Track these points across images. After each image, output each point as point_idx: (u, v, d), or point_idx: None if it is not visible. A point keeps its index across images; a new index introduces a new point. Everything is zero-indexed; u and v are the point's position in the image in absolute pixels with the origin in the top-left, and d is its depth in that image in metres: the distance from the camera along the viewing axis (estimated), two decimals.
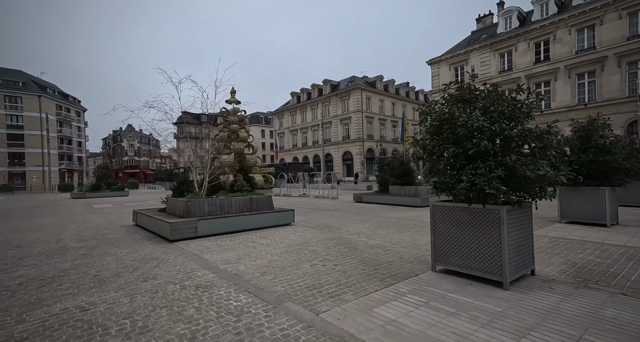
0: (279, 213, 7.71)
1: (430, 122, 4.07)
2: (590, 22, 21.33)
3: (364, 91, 41.45)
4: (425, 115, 4.09)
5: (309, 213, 10.36)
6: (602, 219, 6.63)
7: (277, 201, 15.41)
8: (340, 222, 8.20)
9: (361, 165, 40.90)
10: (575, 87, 22.18)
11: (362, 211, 10.78)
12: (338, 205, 12.95)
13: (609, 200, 6.69)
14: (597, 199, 6.73)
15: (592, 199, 6.79)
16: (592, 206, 6.79)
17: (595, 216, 6.70)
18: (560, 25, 22.65)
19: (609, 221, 6.61)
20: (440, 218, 3.91)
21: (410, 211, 10.30)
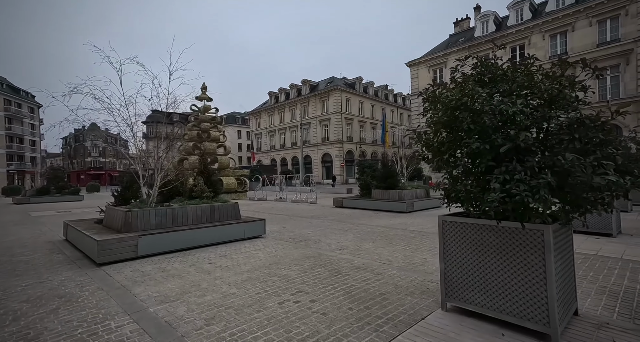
0: (247, 224, 6.48)
1: (437, 111, 3.09)
2: (563, 28, 21.86)
3: (343, 92, 40.83)
4: (432, 101, 3.11)
5: (284, 221, 9.18)
6: (607, 229, 6.01)
7: (250, 207, 14.26)
8: (319, 233, 7.10)
9: (340, 167, 40.15)
10: None
11: (343, 217, 9.76)
12: (317, 211, 11.86)
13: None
14: None
15: None
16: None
17: (601, 224, 6.07)
18: (534, 31, 23.09)
19: (615, 230, 6.00)
20: (453, 238, 2.91)
21: (396, 218, 9.41)
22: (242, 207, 14.75)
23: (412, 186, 12.38)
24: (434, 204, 12.03)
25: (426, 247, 5.56)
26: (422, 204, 11.43)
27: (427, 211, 11.06)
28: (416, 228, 7.59)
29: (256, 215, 10.60)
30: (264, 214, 10.85)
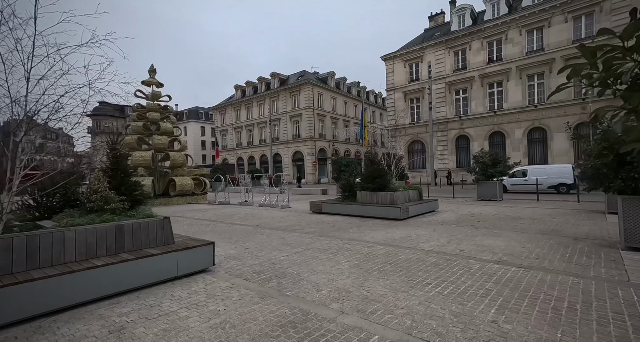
0: (182, 253, 3.99)
1: None
2: (539, 23, 21.55)
3: (315, 87, 38.68)
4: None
5: (247, 236, 6.73)
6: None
7: (207, 213, 11.16)
8: (297, 260, 4.80)
9: (313, 166, 37.99)
10: (526, 88, 22.30)
11: (325, 229, 7.53)
12: (290, 218, 9.53)
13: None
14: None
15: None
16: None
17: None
18: (511, 26, 22.64)
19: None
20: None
21: (392, 228, 7.38)
22: (196, 214, 12.03)
23: (403, 187, 10.50)
24: (430, 207, 10.25)
25: (473, 288, 3.51)
26: (418, 209, 9.57)
27: (424, 217, 9.21)
28: (429, 246, 5.58)
29: (210, 226, 8.06)
30: (221, 225, 8.28)
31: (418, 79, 28.22)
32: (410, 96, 28.72)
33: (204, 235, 7.00)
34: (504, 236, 6.17)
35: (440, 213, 9.90)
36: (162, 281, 3.77)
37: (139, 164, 15.07)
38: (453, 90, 26.06)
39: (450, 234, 6.52)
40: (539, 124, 21.77)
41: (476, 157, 13.96)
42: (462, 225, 7.64)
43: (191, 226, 8.39)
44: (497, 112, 23.57)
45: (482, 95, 24.40)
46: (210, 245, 4.31)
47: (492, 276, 3.85)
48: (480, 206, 11.65)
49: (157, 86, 17.09)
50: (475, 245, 5.51)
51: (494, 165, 13.56)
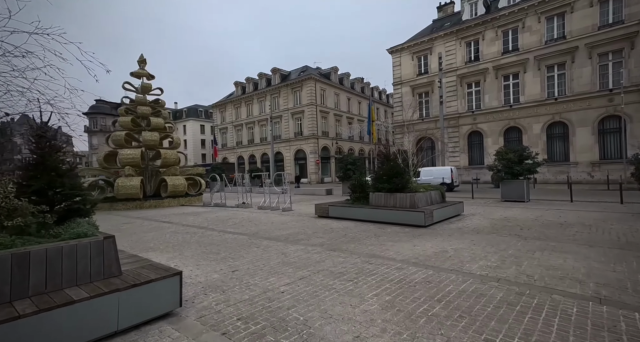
0: (128, 292, 2.59)
1: None
2: (561, 9, 19.98)
3: (318, 82, 37.22)
4: None
5: (237, 253, 5.32)
6: None
7: (198, 218, 9.22)
8: (303, 294, 3.40)
9: (316, 164, 36.58)
10: (545, 79, 20.73)
11: (336, 239, 6.12)
12: (293, 224, 8.13)
13: None
14: None
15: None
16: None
17: None
18: (529, 12, 21.07)
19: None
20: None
21: (420, 238, 5.95)
22: (186, 218, 10.11)
23: (424, 187, 9.07)
24: (455, 211, 8.82)
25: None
26: (443, 213, 8.14)
27: (451, 223, 7.78)
28: (479, 268, 4.17)
29: (196, 236, 6.32)
30: (211, 234, 6.87)
31: (427, 72, 26.69)
32: (419, 90, 27.21)
33: (184, 249, 5.62)
34: (570, 252, 4.74)
35: (468, 218, 8.47)
36: (97, 339, 2.38)
37: (127, 162, 13.74)
38: (465, 83, 24.53)
39: (497, 248, 5.10)
40: (559, 119, 20.21)
41: (499, 154, 12.50)
42: (503, 234, 6.21)
43: (174, 236, 7.01)
44: (513, 106, 22.03)
45: (496, 89, 22.85)
46: (175, 277, 2.91)
47: (614, 333, 2.43)
48: (509, 208, 10.21)
49: (148, 78, 15.73)
50: (541, 267, 4.09)
51: (519, 162, 12.11)
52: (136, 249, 5.67)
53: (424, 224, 7.26)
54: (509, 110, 22.26)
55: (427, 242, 5.70)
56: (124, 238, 6.84)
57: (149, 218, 10.36)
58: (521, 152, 12.17)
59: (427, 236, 6.26)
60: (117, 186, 12.98)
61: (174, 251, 5.49)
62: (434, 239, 6.01)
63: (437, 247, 5.31)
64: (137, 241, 6.55)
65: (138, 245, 6.08)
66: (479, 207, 10.73)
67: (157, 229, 7.97)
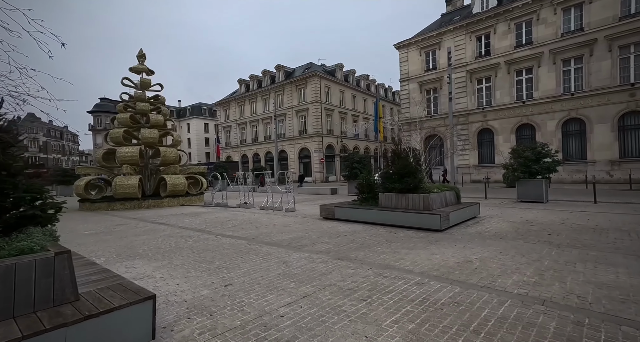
0: (80, 326, 2.00)
1: None
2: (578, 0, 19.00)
3: (322, 79, 36.55)
4: None
5: (233, 261, 4.74)
6: None
7: (196, 219, 8.59)
8: (307, 319, 2.80)
9: (320, 163, 35.98)
10: (561, 74, 19.81)
11: (344, 245, 5.51)
12: (296, 227, 7.54)
13: None
14: None
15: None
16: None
17: None
18: (544, 3, 20.13)
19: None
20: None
21: (438, 245, 5.31)
22: (183, 220, 9.34)
23: (438, 187, 8.39)
24: (471, 213, 8.16)
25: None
26: (459, 216, 7.48)
27: (468, 226, 7.13)
28: (514, 284, 3.53)
29: (191, 241, 5.54)
30: (207, 238, 6.29)
31: (435, 68, 25.87)
32: (427, 87, 26.41)
33: (175, 257, 5.06)
34: (620, 265, 4.06)
35: (486, 220, 7.79)
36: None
37: (125, 160, 13.27)
38: (475, 79, 23.67)
39: (529, 258, 4.44)
40: (575, 115, 19.30)
41: (516, 151, 11.76)
42: (530, 240, 5.54)
43: (167, 240, 6.47)
44: (526, 103, 21.15)
45: (508, 84, 21.98)
46: (147, 302, 2.33)
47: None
48: (529, 209, 9.49)
49: (147, 74, 15.24)
50: (590, 284, 3.43)
51: (537, 160, 11.36)
52: (122, 256, 5.13)
53: (440, 228, 6.61)
54: (522, 107, 21.38)
55: (447, 250, 5.06)
56: (113, 242, 6.31)
57: (146, 219, 9.86)
58: (539, 150, 11.41)
59: (445, 242, 5.62)
60: (115, 185, 12.52)
61: (163, 259, 4.93)
62: (454, 245, 5.37)
63: (459, 256, 4.67)
64: (126, 245, 6.01)
65: (125, 251, 5.54)
66: (495, 208, 10.03)
67: (151, 232, 7.44)
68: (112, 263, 4.74)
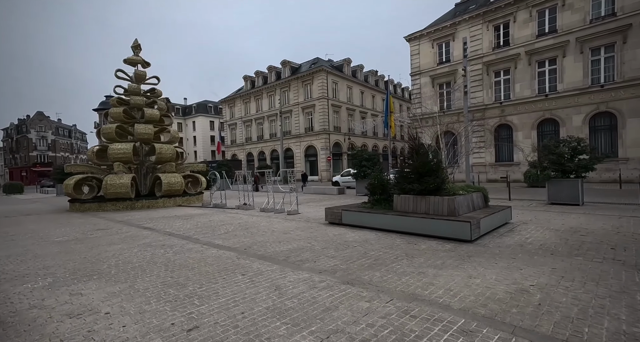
0: None
1: None
2: None
3: (329, 75, 35.35)
4: None
5: (211, 286, 3.67)
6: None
7: (188, 223, 7.30)
8: None
9: (327, 161, 34.86)
10: (589, 64, 18.21)
11: (353, 261, 4.40)
12: (298, 234, 6.46)
13: None
14: None
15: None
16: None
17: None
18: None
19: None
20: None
21: (472, 261, 4.14)
22: (173, 224, 8.23)
23: (463, 189, 7.19)
24: (503, 218, 6.96)
25: None
26: (490, 222, 6.29)
27: (503, 236, 5.94)
28: (608, 335, 2.35)
29: (170, 253, 4.29)
30: (191, 248, 5.25)
31: (448, 61, 24.42)
32: (439, 81, 24.98)
33: (141, 277, 4.03)
34: None
35: (522, 227, 6.58)
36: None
37: (117, 158, 12.41)
38: (492, 71, 22.16)
39: (608, 288, 3.27)
40: (605, 108, 17.70)
41: (547, 147, 10.44)
42: (592, 257, 4.35)
43: (142, 251, 5.47)
44: (549, 96, 19.59)
45: (529, 76, 20.43)
46: None
47: None
48: (566, 213, 8.22)
49: (143, 66, 14.36)
50: None
51: (572, 157, 10.03)
52: (76, 276, 4.14)
53: (470, 239, 5.45)
54: (544, 101, 19.84)
55: (487, 271, 3.91)
56: (78, 254, 5.34)
57: (132, 222, 8.93)
58: (575, 146, 10.07)
59: (482, 258, 4.46)
60: (105, 184, 11.66)
61: (125, 280, 3.91)
62: (494, 263, 4.21)
63: (508, 281, 3.51)
64: (92, 259, 5.03)
65: (85, 267, 4.55)
66: (525, 211, 8.78)
67: (130, 240, 6.47)
68: (58, 286, 3.74)
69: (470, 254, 4.72)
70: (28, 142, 54.45)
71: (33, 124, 54.79)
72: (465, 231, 5.49)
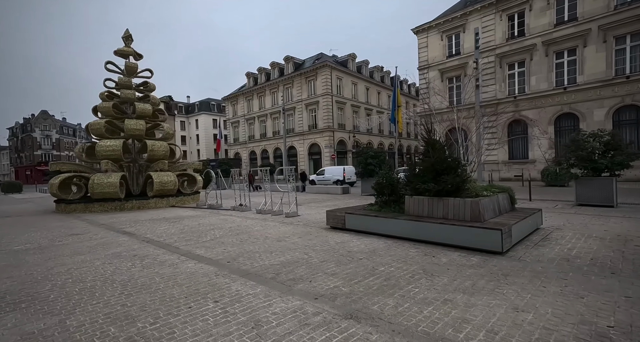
0: None
1: None
2: None
3: (334, 70, 34.31)
4: None
5: (164, 323, 2.75)
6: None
7: (175, 227, 6.50)
8: None
9: (331, 159, 33.87)
10: (612, 54, 16.92)
11: (359, 282, 3.45)
12: (294, 241, 5.54)
13: None
14: None
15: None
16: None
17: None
18: None
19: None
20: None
21: (515, 285, 3.14)
22: (158, 227, 7.22)
23: (486, 189, 6.19)
24: (534, 224, 5.95)
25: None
26: (521, 229, 5.29)
27: (537, 246, 4.96)
28: None
29: (138, 266, 3.30)
30: (166, 261, 4.33)
31: (458, 53, 23.23)
32: (448, 74, 23.81)
33: (81, 307, 3.15)
34: None
35: (557, 234, 5.57)
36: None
37: (105, 155, 11.63)
38: (505, 64, 20.93)
39: None
40: (631, 102, 16.41)
41: (577, 142, 9.33)
42: None
43: (104, 265, 4.59)
44: (567, 89, 18.34)
45: (546, 68, 19.18)
46: None
47: None
48: (603, 216, 7.17)
49: (135, 57, 13.55)
50: None
51: (605, 153, 8.93)
52: (3, 302, 3.26)
53: (502, 250, 4.47)
54: (562, 94, 18.58)
55: (536, 299, 2.94)
56: (25, 269, 4.49)
57: (114, 226, 8.11)
58: (608, 140, 8.96)
59: (522, 279, 3.49)
60: (92, 183, 10.89)
61: (59, 312, 3.02)
62: (541, 287, 3.23)
63: (572, 318, 2.54)
64: (38, 275, 4.17)
65: (23, 288, 3.68)
66: (553, 214, 7.75)
67: (100, 248, 5.62)
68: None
69: (506, 272, 3.74)
70: (33, 141, 54.51)
71: (37, 123, 54.83)
72: (494, 241, 4.51)
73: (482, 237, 4.65)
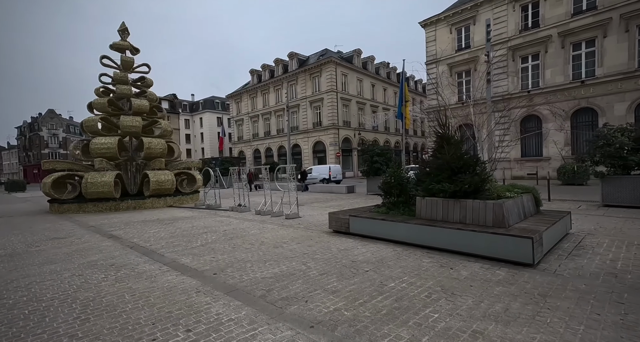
0: None
1: None
2: None
3: (338, 66, 33.56)
4: None
5: None
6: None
7: (167, 230, 6.05)
8: None
9: (336, 157, 33.21)
10: (635, 45, 15.91)
11: (363, 302, 2.81)
12: (291, 249, 4.93)
13: None
14: None
15: None
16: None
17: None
18: None
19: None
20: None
21: (559, 310, 2.46)
22: (148, 230, 6.62)
23: (509, 189, 5.49)
24: (562, 229, 5.25)
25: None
26: (551, 237, 4.60)
27: (569, 255, 4.29)
28: None
29: (110, 279, 2.61)
30: (144, 273, 3.72)
31: (468, 47, 22.32)
32: (457, 69, 22.92)
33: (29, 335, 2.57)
34: None
35: (590, 241, 4.87)
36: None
37: (100, 153, 11.19)
38: (518, 56, 19.98)
39: None
40: None
41: (604, 137, 8.54)
42: None
43: (76, 275, 4.05)
44: (585, 82, 17.36)
45: (562, 61, 18.20)
46: None
47: None
48: (636, 220, 6.43)
49: (132, 52, 13.06)
50: None
51: (635, 149, 8.13)
52: None
53: (533, 262, 3.79)
54: (580, 87, 17.60)
55: (592, 332, 2.28)
56: None
57: (103, 228, 7.62)
58: (638, 134, 8.16)
59: (565, 302, 2.83)
60: (86, 182, 10.45)
61: None
62: (594, 314, 2.57)
63: None
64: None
65: None
66: (579, 216, 7.02)
67: (77, 255, 5.09)
68: None
69: (543, 292, 3.08)
70: (40, 140, 54.93)
71: (45, 122, 55.22)
72: (524, 251, 3.84)
73: (509, 246, 3.99)
